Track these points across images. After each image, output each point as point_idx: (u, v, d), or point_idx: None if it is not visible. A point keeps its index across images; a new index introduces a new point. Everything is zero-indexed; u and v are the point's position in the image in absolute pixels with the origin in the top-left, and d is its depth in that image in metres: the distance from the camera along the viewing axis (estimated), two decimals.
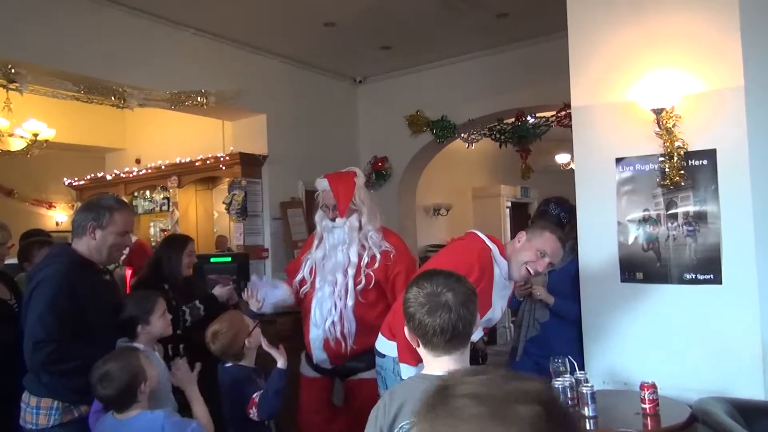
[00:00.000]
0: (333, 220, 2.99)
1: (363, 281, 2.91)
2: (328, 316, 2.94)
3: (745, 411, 2.47)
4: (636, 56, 3.03)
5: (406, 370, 2.22)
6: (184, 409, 2.61)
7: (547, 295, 2.82)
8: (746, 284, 2.71)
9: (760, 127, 2.74)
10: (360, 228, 2.96)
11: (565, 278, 2.92)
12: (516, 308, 3.28)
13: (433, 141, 6.28)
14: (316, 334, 3.04)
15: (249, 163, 5.46)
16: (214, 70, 5.24)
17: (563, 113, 5.24)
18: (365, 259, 2.93)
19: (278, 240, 5.51)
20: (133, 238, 4.15)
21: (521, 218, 9.07)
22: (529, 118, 5.94)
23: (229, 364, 2.63)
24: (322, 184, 3.03)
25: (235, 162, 5.40)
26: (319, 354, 3.07)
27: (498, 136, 6.10)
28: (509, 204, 9.07)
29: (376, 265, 2.92)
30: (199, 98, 5.03)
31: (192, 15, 4.92)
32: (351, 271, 2.91)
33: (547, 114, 5.84)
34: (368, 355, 2.75)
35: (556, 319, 2.84)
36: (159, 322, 2.55)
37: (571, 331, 2.98)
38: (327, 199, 3.01)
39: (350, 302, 2.90)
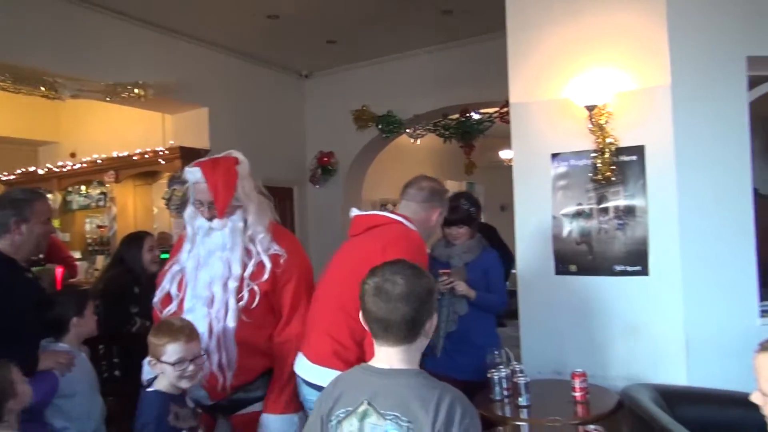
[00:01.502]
0: (210, 219, 2.24)
1: (246, 297, 2.18)
2: (209, 340, 2.21)
3: (669, 396, 2.58)
4: (571, 55, 3.11)
5: None
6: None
7: (468, 290, 2.84)
8: (671, 275, 2.83)
9: (686, 125, 2.86)
10: (245, 229, 2.25)
11: (479, 272, 2.95)
12: None
13: (379, 136, 6.30)
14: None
15: (190, 158, 5.21)
16: (153, 62, 5.08)
17: (506, 110, 5.33)
18: (250, 269, 2.21)
19: None
20: None
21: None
22: (473, 114, 6.02)
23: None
24: (193, 174, 2.23)
25: (175, 156, 5.26)
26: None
27: (443, 131, 6.17)
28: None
29: (265, 276, 2.21)
30: (136, 90, 4.87)
31: (130, 4, 4.75)
32: (232, 285, 2.18)
33: (491, 110, 5.94)
34: (261, 381, 2.28)
35: (475, 313, 2.88)
36: (91, 320, 2.49)
37: (490, 323, 3.03)
38: (200, 193, 2.24)
39: (231, 324, 2.17)
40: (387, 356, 1.43)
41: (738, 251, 2.86)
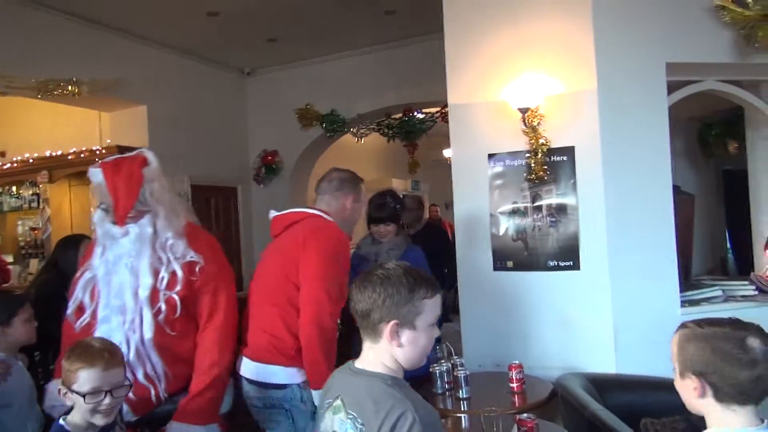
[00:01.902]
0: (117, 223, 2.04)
1: (163, 308, 2.01)
2: (128, 352, 2.02)
3: (599, 384, 2.73)
4: (506, 59, 3.22)
5: (317, 396, 2.02)
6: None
7: None
8: (599, 269, 2.99)
9: (611, 126, 3.02)
10: (155, 235, 2.06)
11: None
12: None
13: (323, 135, 6.31)
14: None
15: None
16: (89, 58, 4.92)
17: (447, 110, 5.45)
18: (164, 278, 2.03)
19: None
20: None
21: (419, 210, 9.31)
22: (416, 113, 6.12)
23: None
24: (95, 175, 2.06)
25: (113, 155, 5.10)
26: None
27: (386, 131, 6.24)
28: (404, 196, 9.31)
29: (178, 286, 2.04)
30: (70, 87, 4.71)
31: None
32: (143, 293, 2.01)
33: (433, 110, 6.05)
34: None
35: None
36: (22, 328, 2.40)
37: None
38: (104, 196, 2.07)
39: (148, 334, 2.00)
40: (364, 354, 1.45)
41: (660, 245, 3.05)
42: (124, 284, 2.01)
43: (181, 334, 2.09)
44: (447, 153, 8.99)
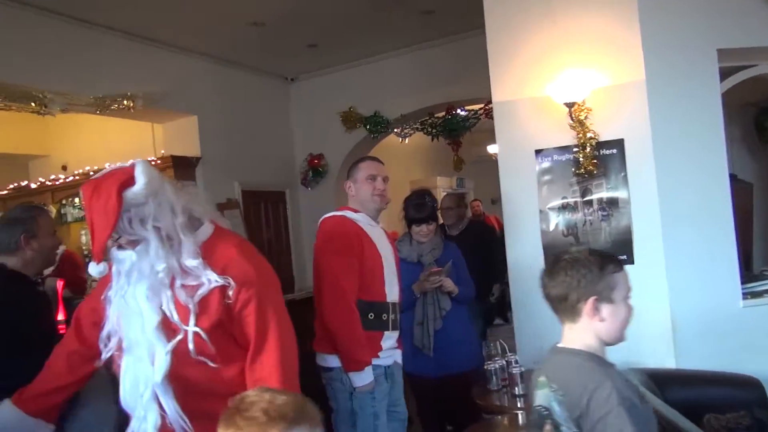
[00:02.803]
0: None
1: (191, 346, 1.61)
2: (144, 390, 1.62)
3: (659, 379, 2.69)
4: (549, 54, 3.20)
5: (357, 377, 2.28)
6: None
7: (453, 285, 2.93)
8: (655, 263, 2.94)
9: (662, 117, 2.97)
10: (162, 257, 1.63)
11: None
12: (410, 307, 2.97)
13: (367, 136, 6.37)
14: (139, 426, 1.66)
15: (182, 166, 5.39)
16: (140, 73, 5.12)
17: (490, 106, 5.43)
18: (172, 312, 1.62)
19: None
20: (62, 248, 4.06)
21: (459, 208, 9.28)
22: (459, 111, 6.11)
23: None
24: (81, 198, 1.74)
25: (168, 165, 5.31)
26: None
27: (429, 129, 6.25)
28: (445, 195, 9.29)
29: (210, 313, 1.64)
30: (125, 102, 4.92)
31: (115, 17, 4.79)
32: (151, 324, 1.62)
33: (476, 107, 6.02)
34: None
35: (454, 307, 2.96)
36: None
37: (465, 314, 3.12)
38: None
39: (162, 369, 1.59)
40: (564, 336, 1.61)
41: (718, 236, 2.98)
42: (131, 315, 1.64)
43: (226, 360, 1.67)
44: (491, 149, 8.93)
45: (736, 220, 3.04)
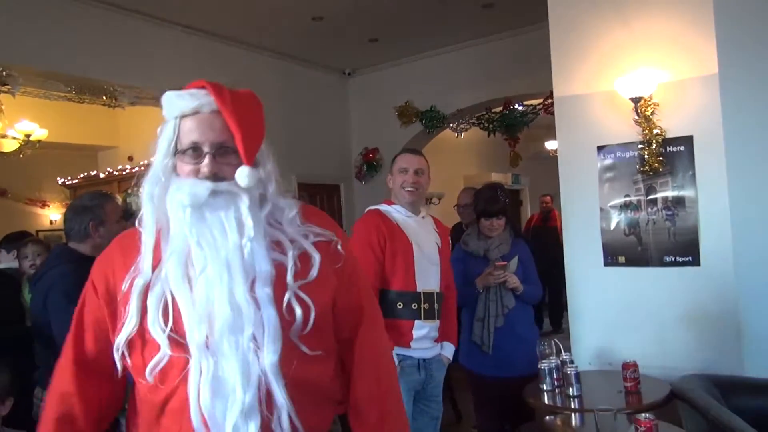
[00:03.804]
0: (212, 178, 1.20)
1: (299, 314, 1.19)
2: (230, 399, 1.13)
3: (726, 386, 2.57)
4: (615, 46, 3.10)
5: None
6: None
7: (518, 282, 2.86)
8: (723, 265, 2.81)
9: (734, 113, 2.83)
10: (265, 200, 1.26)
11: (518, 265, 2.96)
12: (473, 302, 2.93)
13: (422, 131, 6.36)
14: None
15: None
16: (204, 67, 5.28)
17: (550, 101, 5.32)
18: (292, 266, 1.21)
19: None
20: None
21: (513, 205, 9.16)
22: (517, 106, 6.02)
23: None
24: (191, 98, 1.22)
25: None
26: None
27: (486, 125, 6.18)
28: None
29: (313, 272, 1.24)
30: None
31: (180, 12, 4.96)
32: (263, 292, 1.17)
33: (535, 102, 5.91)
34: None
35: (519, 305, 2.89)
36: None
37: (530, 315, 3.04)
38: (203, 129, 1.21)
39: (272, 357, 1.15)
40: None
41: None
42: (231, 273, 1.15)
43: (326, 351, 1.27)
44: (549, 145, 8.75)
45: None
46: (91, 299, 1.26)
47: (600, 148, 3.14)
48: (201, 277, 1.15)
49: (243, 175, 1.18)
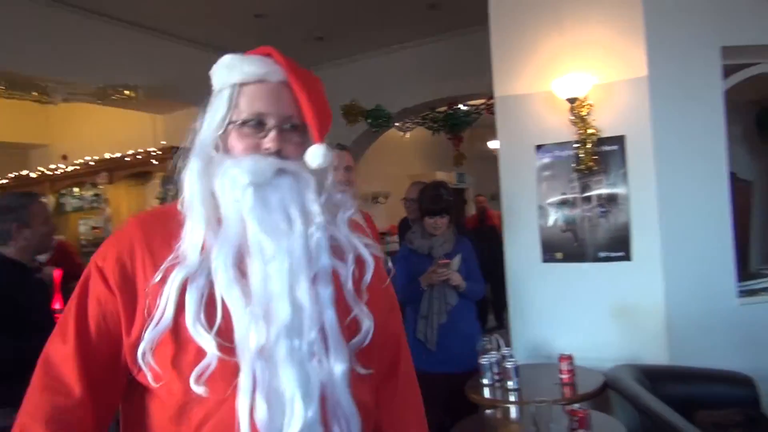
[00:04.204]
0: (278, 154, 1.01)
1: (364, 324, 1.02)
2: (288, 414, 0.92)
3: (653, 375, 2.70)
4: (552, 48, 3.19)
5: None
6: None
7: (461, 280, 2.91)
8: (652, 259, 2.94)
9: (664, 114, 2.96)
10: (321, 190, 1.06)
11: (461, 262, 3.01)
12: (417, 300, 2.94)
13: (368, 130, 6.36)
14: None
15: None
16: (143, 63, 5.13)
17: (492, 102, 5.42)
18: (352, 269, 1.04)
19: None
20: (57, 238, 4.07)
21: (458, 203, 9.28)
22: (461, 106, 6.11)
23: None
24: (254, 63, 1.07)
25: (168, 156, 5.20)
26: None
27: (431, 124, 6.24)
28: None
29: (368, 278, 1.07)
30: (126, 92, 4.93)
31: (118, 7, 4.79)
32: (327, 291, 0.99)
33: (478, 102, 6.02)
34: None
35: (461, 302, 2.94)
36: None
37: (473, 312, 3.10)
38: (269, 99, 1.04)
39: (341, 366, 0.97)
40: None
41: (716, 234, 2.98)
42: (294, 266, 0.96)
43: (375, 374, 1.08)
44: (492, 145, 8.93)
45: (735, 218, 3.04)
46: (98, 288, 0.98)
47: (538, 147, 3.23)
48: (259, 269, 0.95)
49: (318, 154, 1.02)
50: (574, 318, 3.12)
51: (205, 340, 0.91)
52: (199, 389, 0.91)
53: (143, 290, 0.95)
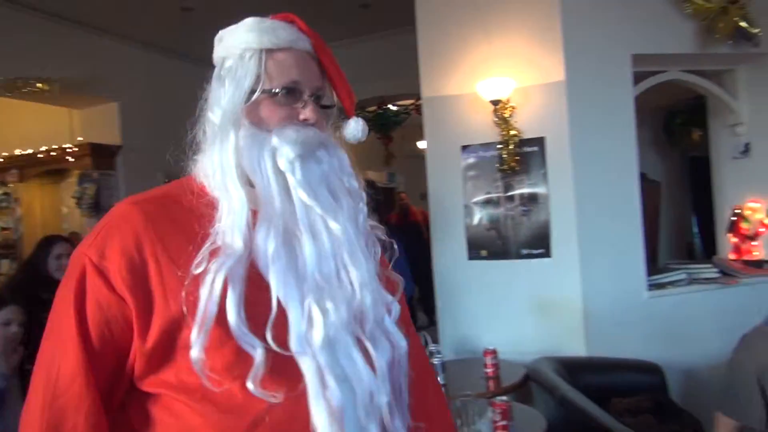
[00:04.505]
0: (314, 124, 0.92)
1: (394, 308, 0.95)
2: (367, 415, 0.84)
3: (571, 366, 2.83)
4: (478, 52, 3.28)
5: None
6: None
7: None
8: (570, 256, 3.08)
9: (580, 117, 3.11)
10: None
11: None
12: None
13: None
14: None
15: (101, 154, 5.15)
16: (59, 55, 4.85)
17: (420, 101, 5.50)
18: (378, 257, 1.03)
19: None
20: None
21: (388, 203, 9.35)
22: (390, 106, 6.16)
23: None
24: (279, 30, 0.97)
25: (85, 153, 5.07)
26: None
27: None
28: None
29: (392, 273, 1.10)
30: (39, 85, 4.64)
31: None
32: (369, 275, 0.89)
33: (407, 102, 6.09)
34: None
35: None
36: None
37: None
38: (301, 68, 0.95)
39: (403, 342, 0.91)
40: None
41: (628, 232, 3.16)
42: (352, 249, 0.89)
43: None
44: (421, 145, 9.06)
45: (645, 216, 3.24)
46: (97, 291, 0.82)
47: (464, 148, 3.31)
48: (313, 249, 0.84)
49: (358, 128, 0.98)
50: (499, 313, 3.23)
51: (250, 338, 0.79)
52: (258, 392, 0.79)
53: (158, 287, 0.81)
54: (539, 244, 3.14)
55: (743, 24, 3.24)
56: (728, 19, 3.22)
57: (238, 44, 0.95)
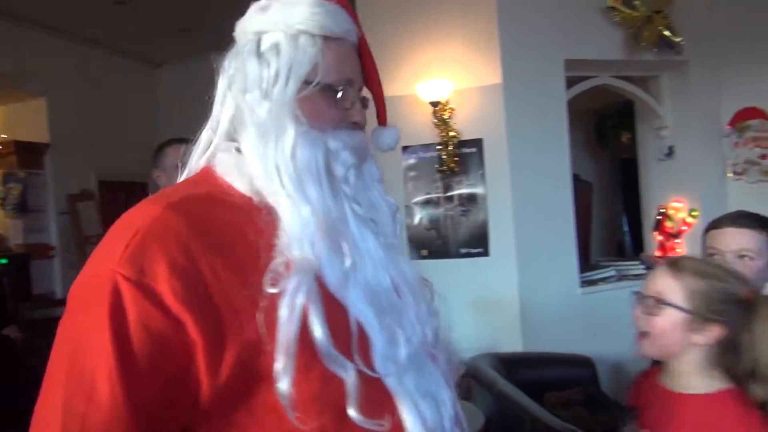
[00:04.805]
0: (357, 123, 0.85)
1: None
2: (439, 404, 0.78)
3: (508, 362, 2.91)
4: (417, 54, 3.32)
5: None
6: None
7: None
8: (507, 255, 3.17)
9: (516, 119, 3.20)
10: None
11: None
12: None
13: None
14: None
15: (27, 152, 4.89)
16: None
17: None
18: None
19: (68, 237, 5.03)
20: None
21: None
22: None
23: None
24: (341, 14, 0.85)
25: (10, 151, 4.80)
26: None
27: None
28: None
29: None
30: None
31: None
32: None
33: None
34: None
35: None
36: None
37: None
38: (351, 63, 0.86)
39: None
40: None
41: (561, 231, 3.28)
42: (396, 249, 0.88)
43: None
44: None
45: (577, 216, 3.37)
46: (143, 312, 0.64)
47: (404, 149, 3.35)
48: (376, 267, 0.78)
49: (394, 137, 0.93)
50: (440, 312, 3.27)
51: (337, 357, 0.69)
52: (360, 418, 0.69)
53: (226, 306, 0.66)
54: (478, 243, 3.22)
55: (667, 33, 3.43)
56: (653, 27, 3.39)
57: (292, 22, 0.80)
